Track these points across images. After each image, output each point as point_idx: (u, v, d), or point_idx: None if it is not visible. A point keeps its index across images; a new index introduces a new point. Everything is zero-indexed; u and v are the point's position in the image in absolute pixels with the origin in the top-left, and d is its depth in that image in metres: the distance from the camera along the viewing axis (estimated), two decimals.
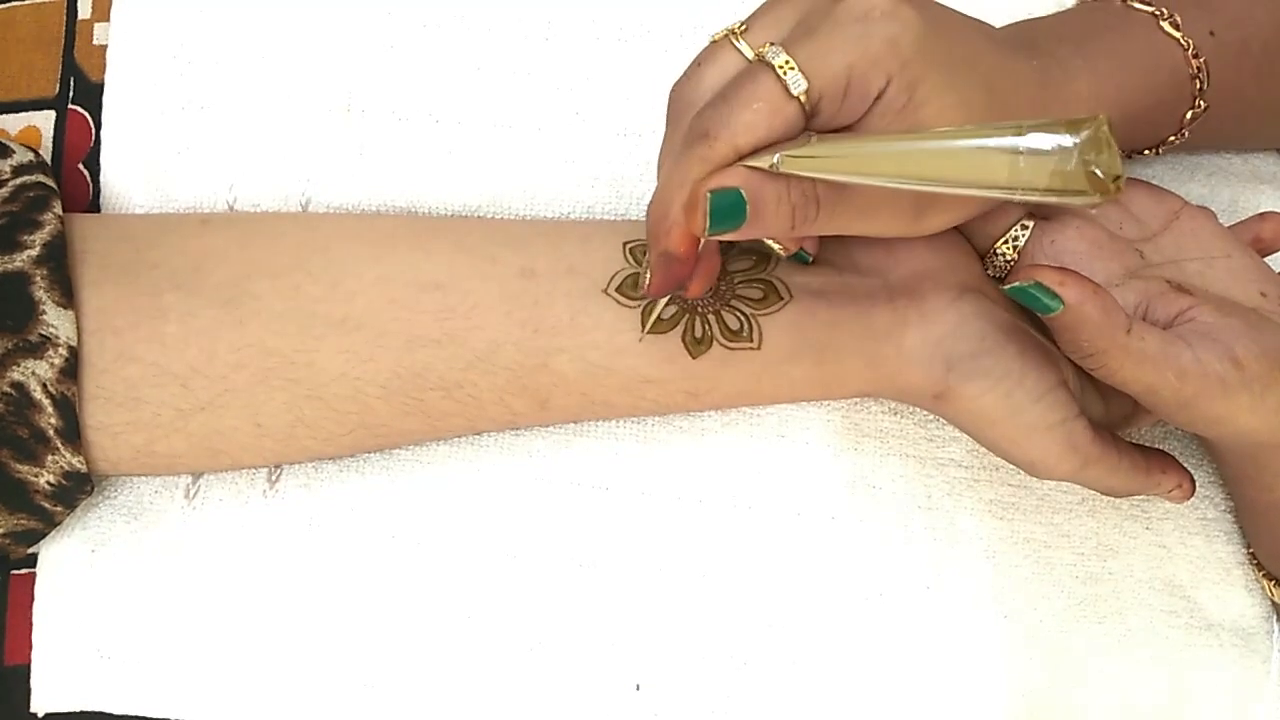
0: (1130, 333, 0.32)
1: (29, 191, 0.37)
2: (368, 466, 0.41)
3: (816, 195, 0.31)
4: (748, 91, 0.30)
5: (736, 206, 0.30)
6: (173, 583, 0.40)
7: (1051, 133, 0.27)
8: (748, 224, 0.30)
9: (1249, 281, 0.37)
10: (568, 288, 0.37)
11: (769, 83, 0.30)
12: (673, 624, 0.40)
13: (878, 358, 0.37)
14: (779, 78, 0.30)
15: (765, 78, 0.30)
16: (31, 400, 0.35)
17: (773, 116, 0.30)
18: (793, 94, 0.30)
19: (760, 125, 0.30)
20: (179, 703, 0.39)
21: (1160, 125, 0.39)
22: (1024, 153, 0.27)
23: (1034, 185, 0.28)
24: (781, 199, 0.30)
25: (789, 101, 0.30)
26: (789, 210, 0.31)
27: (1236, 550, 0.42)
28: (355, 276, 0.37)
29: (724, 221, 0.30)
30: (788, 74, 0.30)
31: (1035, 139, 0.27)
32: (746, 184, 0.30)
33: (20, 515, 0.36)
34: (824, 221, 0.32)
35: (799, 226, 0.31)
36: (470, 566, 0.40)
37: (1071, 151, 0.27)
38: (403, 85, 0.42)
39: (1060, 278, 0.32)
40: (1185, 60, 0.38)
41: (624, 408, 0.38)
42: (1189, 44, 0.38)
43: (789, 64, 0.30)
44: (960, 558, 0.41)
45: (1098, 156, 0.27)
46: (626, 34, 0.42)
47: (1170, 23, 0.38)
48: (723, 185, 0.30)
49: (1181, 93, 0.38)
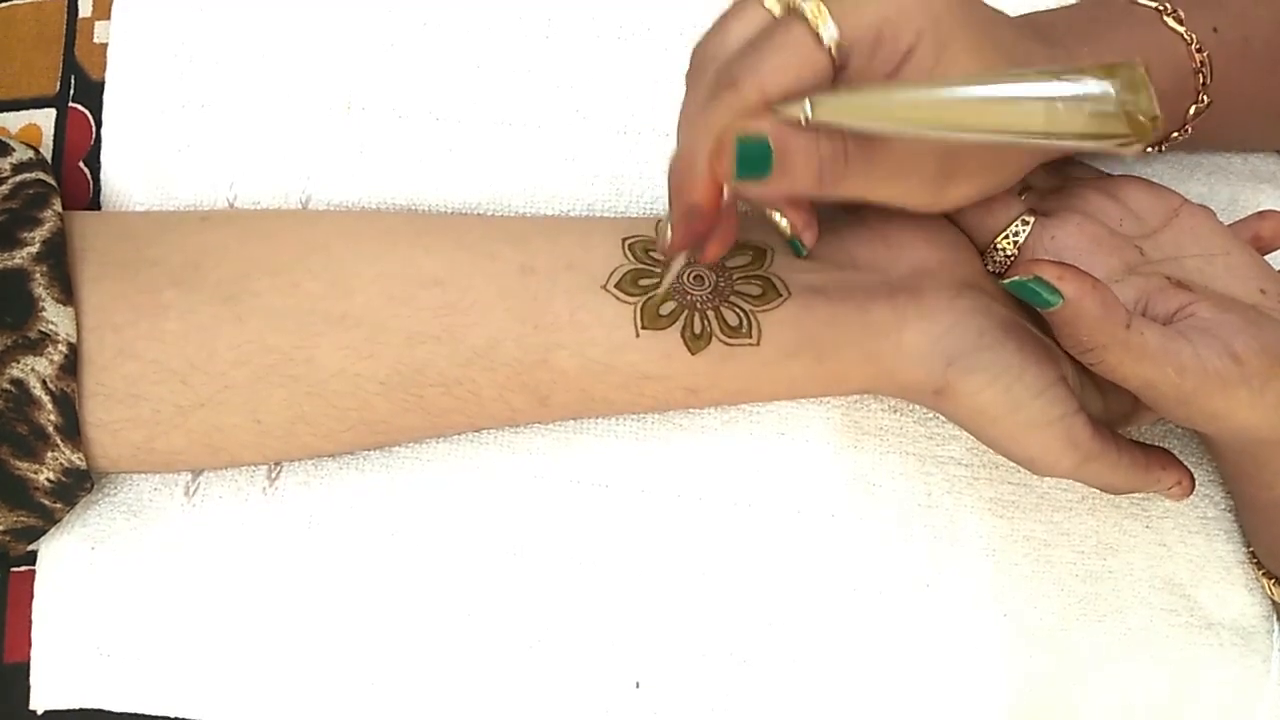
0: (1130, 328, 0.32)
1: (29, 189, 0.37)
2: (367, 464, 0.41)
3: (845, 150, 0.30)
4: (778, 39, 0.30)
5: (764, 154, 0.30)
6: (172, 580, 0.40)
7: (1087, 76, 0.27)
8: (774, 175, 0.30)
9: (1248, 279, 0.37)
10: (567, 284, 0.37)
11: (800, 30, 0.29)
12: (672, 622, 0.40)
13: (877, 354, 0.37)
14: (810, 26, 0.29)
15: (796, 25, 0.30)
16: (31, 397, 0.35)
17: (802, 64, 0.29)
18: (824, 42, 0.29)
19: (789, 71, 0.29)
20: (179, 700, 0.39)
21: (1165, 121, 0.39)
22: (1061, 98, 0.27)
23: (1071, 130, 0.27)
24: (810, 151, 0.30)
25: (819, 50, 0.29)
26: (816, 163, 0.30)
27: (1236, 549, 0.42)
28: (355, 273, 0.37)
29: (751, 169, 0.30)
30: (819, 24, 0.29)
31: (1072, 83, 0.27)
32: (775, 133, 0.30)
33: (20, 512, 0.36)
34: (851, 180, 0.31)
35: (825, 182, 0.31)
36: (470, 564, 0.40)
37: (1109, 94, 0.27)
38: (403, 83, 0.42)
39: (1059, 272, 0.32)
40: (1189, 55, 0.38)
41: (624, 404, 0.38)
42: (1192, 39, 0.38)
43: (821, 12, 0.29)
44: (960, 556, 0.41)
45: (1134, 98, 0.27)
46: (626, 32, 0.43)
47: (1174, 18, 0.38)
48: (750, 131, 0.29)
49: (1185, 88, 0.38)
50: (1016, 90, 0.28)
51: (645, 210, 0.42)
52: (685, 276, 0.37)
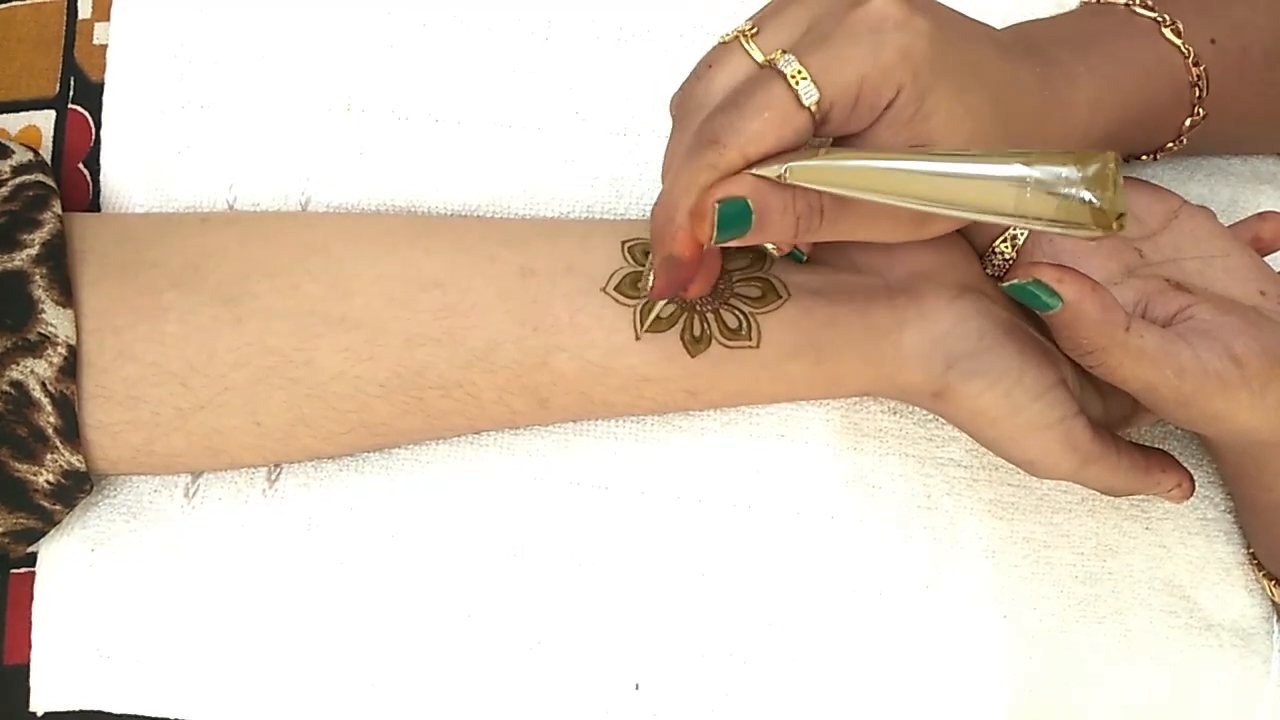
0: (1129, 330, 0.32)
1: (28, 191, 0.37)
2: (367, 466, 0.41)
3: (821, 205, 0.31)
4: (759, 100, 0.30)
5: (743, 215, 0.30)
6: (172, 582, 0.40)
7: (1059, 165, 0.28)
8: (752, 231, 0.31)
9: (1248, 280, 0.37)
10: (567, 286, 0.37)
11: (780, 92, 0.30)
12: (672, 623, 0.40)
13: (877, 356, 0.37)
14: (790, 87, 0.30)
15: (777, 86, 0.30)
16: (30, 399, 0.35)
17: (783, 126, 0.30)
18: (804, 104, 0.30)
19: (770, 134, 0.30)
20: (178, 702, 0.39)
21: (1158, 131, 0.39)
22: (1030, 183, 0.28)
23: (1039, 215, 0.28)
24: (786, 208, 0.31)
25: (800, 111, 0.30)
26: (793, 219, 0.31)
27: (1236, 550, 0.42)
28: (355, 275, 0.37)
29: (729, 229, 0.30)
30: (800, 83, 0.30)
31: (1043, 170, 0.28)
32: (753, 193, 0.30)
33: (19, 514, 0.36)
34: (827, 229, 0.32)
35: (802, 234, 0.32)
36: (470, 566, 0.40)
37: (1078, 186, 0.27)
38: (403, 85, 0.42)
39: (1059, 275, 0.32)
40: (1185, 68, 0.38)
41: (623, 406, 0.38)
42: (1189, 52, 0.37)
43: (801, 73, 0.30)
44: (960, 557, 0.41)
45: (1103, 193, 0.27)
46: (626, 34, 0.42)
47: (1172, 29, 0.38)
48: (730, 195, 0.30)
49: (1180, 100, 0.38)
50: (988, 170, 0.28)
51: (645, 212, 0.42)
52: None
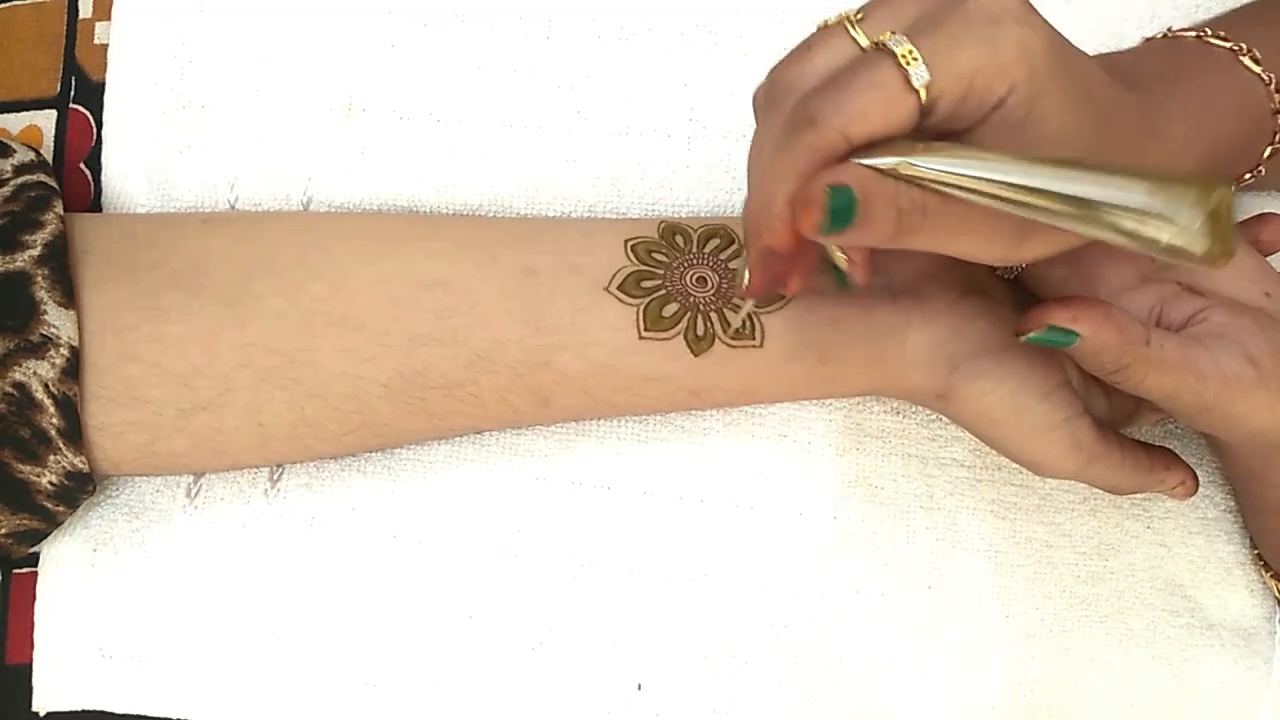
0: (1150, 344, 0.32)
1: (30, 191, 0.37)
2: (369, 466, 0.41)
3: (925, 204, 0.28)
4: (865, 78, 0.27)
5: (850, 206, 0.28)
6: (174, 582, 0.40)
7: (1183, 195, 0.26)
8: (854, 227, 0.28)
9: (1253, 282, 0.37)
10: (569, 286, 0.37)
11: (889, 70, 0.27)
12: (674, 623, 0.40)
13: (881, 356, 0.37)
14: (900, 66, 0.27)
15: (885, 64, 0.27)
16: (33, 400, 0.34)
17: (889, 107, 0.27)
18: (914, 86, 0.27)
19: (875, 114, 0.27)
20: (180, 702, 0.40)
21: (1240, 162, 0.38)
22: (1154, 211, 0.26)
23: (1154, 241, 0.27)
24: (890, 203, 0.28)
25: (908, 93, 0.27)
26: (895, 215, 0.28)
27: (1237, 550, 0.42)
28: (357, 276, 0.37)
29: (834, 222, 0.28)
30: (910, 64, 0.27)
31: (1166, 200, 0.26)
32: (858, 183, 0.28)
33: (22, 515, 0.36)
34: (926, 233, 0.29)
35: (900, 235, 0.29)
36: (472, 566, 0.40)
37: (1197, 220, 0.26)
38: (404, 84, 0.42)
39: (1072, 314, 0.32)
40: (1268, 96, 0.37)
41: (626, 406, 0.38)
42: (1271, 79, 0.36)
43: (913, 54, 0.27)
44: (962, 557, 0.41)
45: (1216, 228, 0.26)
46: (628, 32, 0.42)
47: (1250, 58, 0.37)
48: (838, 182, 0.27)
49: (1263, 129, 0.37)
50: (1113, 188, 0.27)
51: (646, 211, 0.42)
52: (688, 279, 0.37)
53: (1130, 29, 0.42)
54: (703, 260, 0.38)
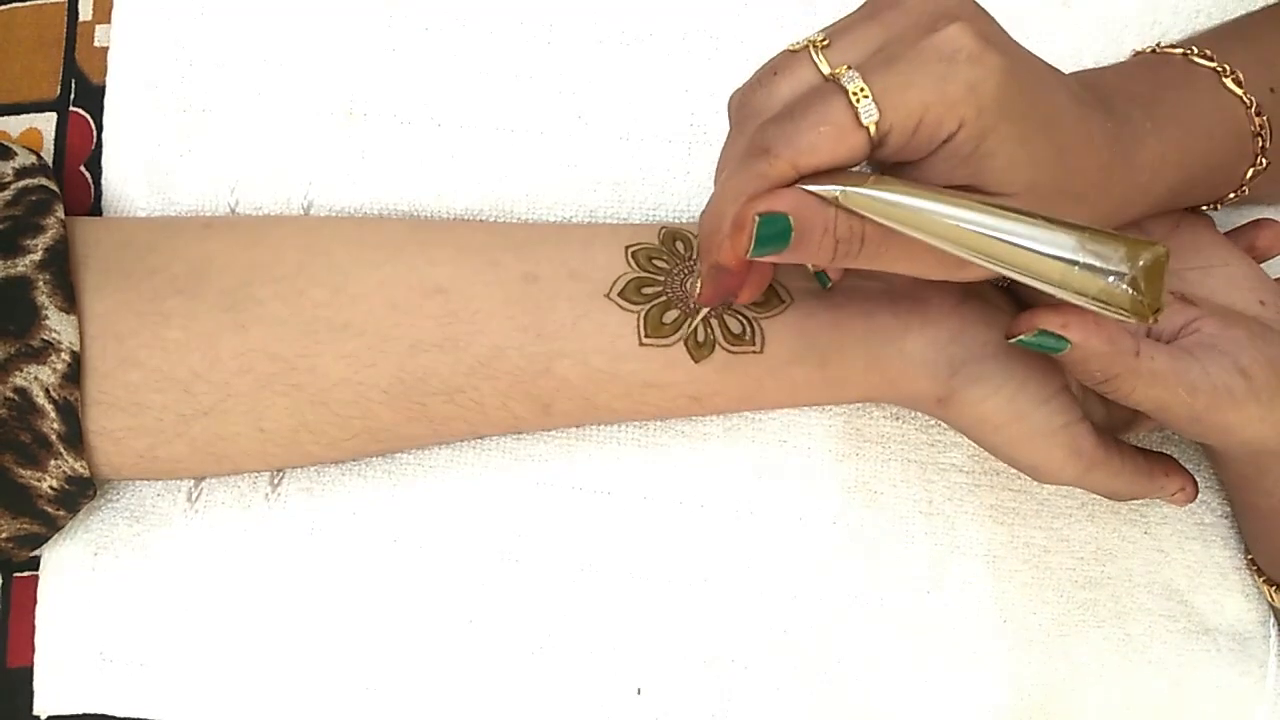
0: (1139, 355, 0.33)
1: (31, 195, 0.37)
2: (370, 471, 0.41)
3: (863, 233, 0.30)
4: (816, 112, 0.29)
5: (782, 232, 0.29)
6: (175, 586, 0.40)
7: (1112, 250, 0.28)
8: (789, 250, 0.30)
9: (1247, 290, 0.37)
10: (570, 292, 0.37)
11: (839, 107, 0.29)
12: (674, 628, 0.40)
13: (880, 361, 0.37)
14: (850, 104, 0.29)
15: (836, 101, 0.29)
16: (34, 405, 0.34)
17: (838, 142, 0.29)
18: (862, 123, 0.29)
19: (824, 149, 0.29)
20: (181, 705, 0.40)
21: (1221, 184, 0.38)
22: (1081, 262, 0.28)
23: (1082, 291, 0.28)
24: (827, 230, 0.30)
25: (857, 130, 0.29)
26: (832, 243, 0.30)
27: (1233, 555, 0.42)
28: (358, 281, 0.37)
29: (767, 245, 0.30)
30: (860, 101, 0.29)
31: (1095, 253, 0.28)
32: (795, 210, 0.29)
33: (23, 519, 0.36)
34: (866, 258, 0.31)
35: (839, 259, 0.31)
36: (472, 571, 0.40)
37: (1125, 277, 0.27)
38: (405, 89, 0.42)
39: (1062, 320, 0.32)
40: (1248, 119, 0.37)
41: (626, 412, 0.38)
42: (1252, 102, 0.37)
43: (863, 91, 0.29)
44: (961, 562, 0.41)
45: (1147, 286, 0.27)
46: (629, 37, 0.42)
47: (1233, 79, 0.37)
48: (772, 209, 0.29)
49: (1244, 150, 0.37)
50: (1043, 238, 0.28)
51: (647, 216, 0.42)
52: (689, 285, 0.37)
53: (1130, 34, 0.42)
54: None
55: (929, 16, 0.29)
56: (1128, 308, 0.28)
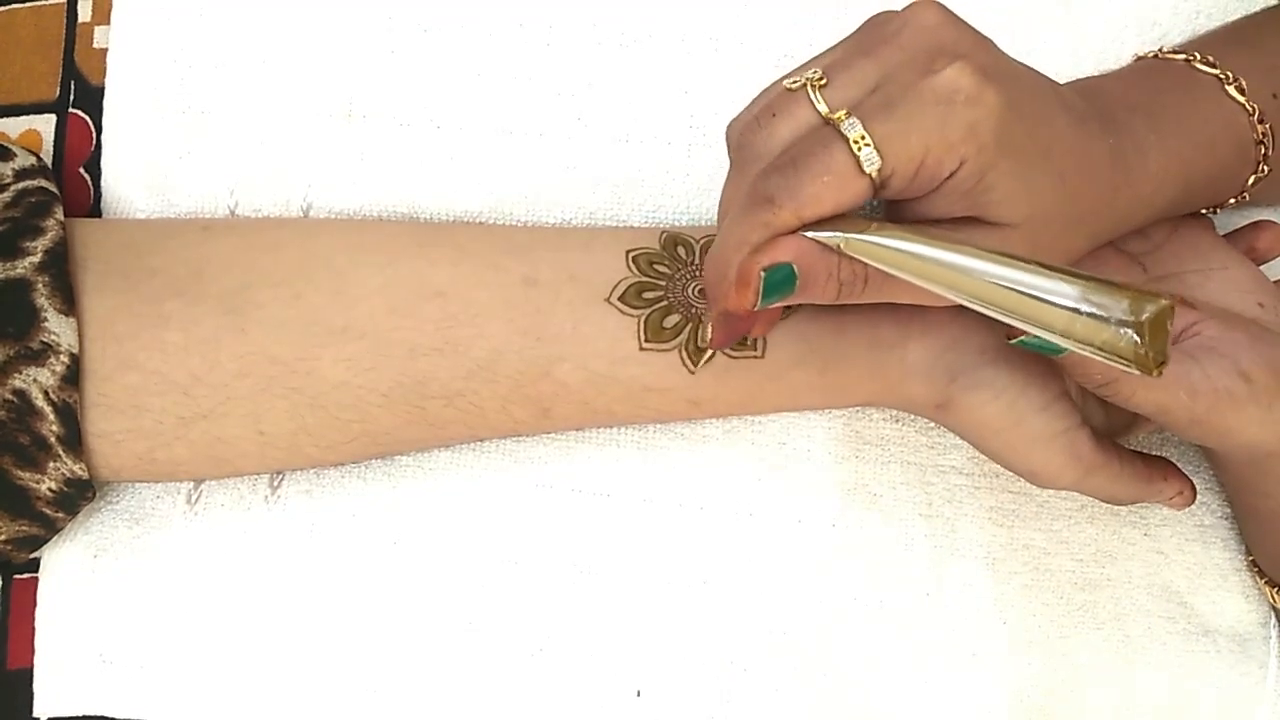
0: None
1: (31, 197, 0.37)
2: (369, 473, 0.41)
3: (866, 275, 0.31)
4: (819, 163, 0.29)
5: (787, 280, 0.30)
6: (174, 588, 0.40)
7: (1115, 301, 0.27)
8: (795, 294, 0.30)
9: (1247, 292, 0.37)
10: (570, 296, 0.37)
11: (841, 156, 0.29)
12: (673, 630, 0.40)
13: (881, 366, 0.37)
14: (852, 152, 0.29)
15: (838, 150, 0.29)
16: (33, 407, 0.35)
17: (841, 191, 0.29)
18: (865, 171, 0.29)
19: (827, 199, 0.29)
20: (180, 707, 0.40)
21: (1223, 190, 0.38)
22: (1084, 314, 0.28)
23: (1085, 341, 0.28)
24: (831, 275, 0.30)
25: (860, 178, 0.29)
26: (836, 285, 0.31)
27: (1233, 557, 0.42)
28: (357, 284, 0.37)
29: (774, 294, 0.30)
30: (862, 150, 0.29)
31: (1098, 304, 0.27)
32: (799, 257, 0.30)
33: (22, 522, 0.36)
34: (869, 295, 0.32)
35: (843, 298, 0.31)
36: (472, 573, 0.40)
37: (1129, 329, 0.27)
38: (404, 91, 0.42)
39: None
40: (1251, 126, 0.37)
41: (626, 416, 0.38)
42: (1254, 109, 0.37)
43: (865, 139, 0.29)
44: (960, 564, 0.41)
45: (1152, 339, 0.27)
46: (628, 39, 0.42)
47: (1235, 87, 0.37)
48: (776, 260, 0.29)
49: (1245, 157, 0.37)
50: (1046, 288, 0.28)
51: (647, 218, 0.42)
52: (690, 290, 0.37)
53: (1130, 34, 0.42)
54: None
55: (925, 55, 0.29)
56: (1131, 359, 0.27)
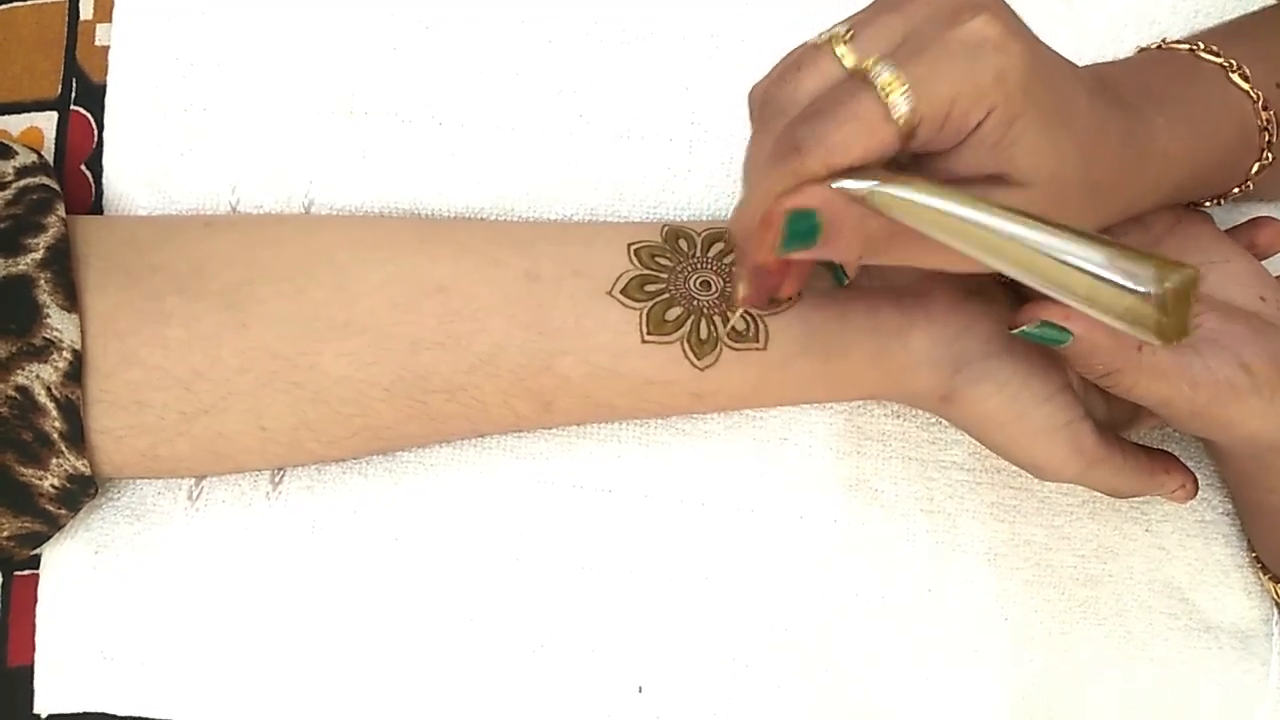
0: (1141, 349, 0.33)
1: (32, 194, 0.37)
2: (371, 469, 0.41)
3: (890, 229, 0.30)
4: (847, 109, 0.28)
5: (812, 229, 0.29)
6: (175, 584, 0.40)
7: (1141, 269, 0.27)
8: (819, 246, 0.29)
9: (1248, 286, 0.37)
10: (572, 290, 0.37)
11: (869, 102, 0.28)
12: (675, 626, 0.40)
13: (885, 358, 0.37)
14: (880, 99, 0.28)
15: (866, 97, 0.28)
16: (36, 404, 0.34)
17: (869, 137, 0.28)
18: (893, 117, 0.28)
19: (856, 145, 0.28)
20: (181, 704, 0.40)
21: (1227, 178, 0.38)
22: (1108, 280, 0.27)
23: (1107, 308, 0.27)
24: (857, 226, 0.29)
25: (888, 124, 0.28)
26: (862, 239, 0.30)
27: (1235, 553, 0.42)
28: (359, 279, 0.37)
29: (796, 241, 0.29)
30: (890, 96, 0.28)
31: (1124, 271, 0.27)
32: (826, 206, 0.29)
33: (24, 518, 0.36)
34: (894, 254, 0.31)
35: (866, 255, 0.30)
36: (473, 569, 0.40)
37: (1152, 298, 0.27)
38: (405, 87, 0.42)
39: (1065, 311, 0.32)
40: (1255, 113, 0.37)
41: (628, 410, 0.38)
42: (1259, 96, 0.37)
43: (892, 85, 0.28)
44: (962, 560, 0.41)
45: (1174, 308, 0.27)
46: (629, 36, 0.42)
47: (1240, 74, 0.37)
48: (802, 205, 0.29)
49: (1249, 145, 0.37)
50: (1071, 251, 0.27)
51: (648, 215, 0.42)
52: (692, 283, 0.37)
53: (1130, 33, 0.42)
54: (706, 264, 0.38)
55: (950, 9, 0.29)
56: (1152, 328, 0.27)
